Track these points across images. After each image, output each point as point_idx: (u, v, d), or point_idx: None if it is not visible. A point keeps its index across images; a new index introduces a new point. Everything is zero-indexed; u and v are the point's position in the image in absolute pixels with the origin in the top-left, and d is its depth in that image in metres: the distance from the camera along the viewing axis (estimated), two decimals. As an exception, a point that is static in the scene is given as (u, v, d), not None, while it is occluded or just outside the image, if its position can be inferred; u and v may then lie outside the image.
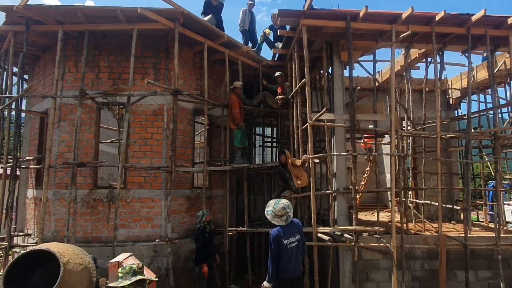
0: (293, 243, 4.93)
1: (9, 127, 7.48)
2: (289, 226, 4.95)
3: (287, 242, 4.84)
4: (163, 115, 7.13)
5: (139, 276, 3.77)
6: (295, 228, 5.00)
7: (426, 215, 9.03)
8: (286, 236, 4.84)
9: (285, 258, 4.86)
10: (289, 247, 4.87)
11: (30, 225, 7.61)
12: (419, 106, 9.88)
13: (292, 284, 5.16)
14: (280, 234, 4.83)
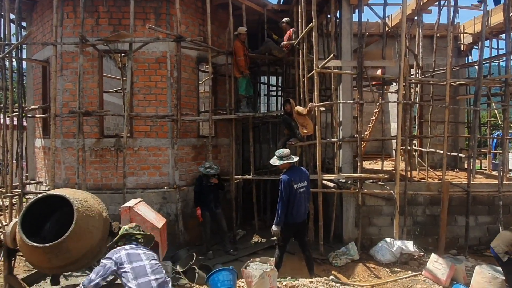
0: (302, 188, 5.16)
1: (11, 76, 7.40)
2: (298, 172, 5.23)
3: (297, 186, 5.10)
4: (167, 63, 6.99)
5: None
6: (303, 175, 5.29)
7: (430, 164, 9.12)
8: (296, 180, 5.10)
9: (294, 202, 5.10)
10: (298, 192, 5.11)
11: (41, 174, 7.80)
12: (429, 53, 9.60)
13: (298, 228, 5.40)
14: (291, 178, 5.07)
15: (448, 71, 7.01)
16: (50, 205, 4.75)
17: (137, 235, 3.80)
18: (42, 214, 4.83)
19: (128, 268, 3.38)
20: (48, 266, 4.57)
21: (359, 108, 6.94)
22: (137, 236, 3.79)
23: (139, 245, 3.73)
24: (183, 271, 5.50)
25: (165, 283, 3.40)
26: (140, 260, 3.49)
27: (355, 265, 6.18)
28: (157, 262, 3.58)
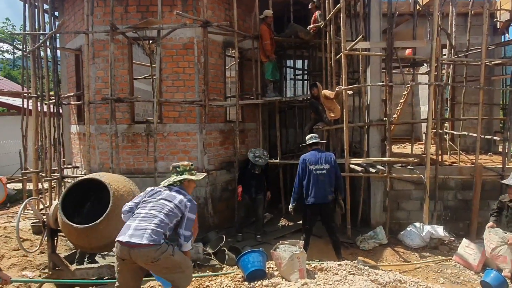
0: (320, 170, 5.30)
1: (47, 65, 7.69)
2: (317, 154, 5.39)
3: (312, 167, 5.30)
4: (194, 49, 7.05)
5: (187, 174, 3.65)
6: (324, 158, 5.39)
7: (462, 147, 8.86)
8: (312, 162, 5.33)
9: (310, 183, 5.32)
10: (315, 173, 5.29)
11: (77, 158, 8.15)
12: (463, 32, 9.19)
13: (320, 211, 5.44)
14: (306, 159, 5.36)
15: (483, 50, 6.73)
16: (88, 188, 4.99)
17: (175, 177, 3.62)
18: (81, 196, 5.10)
19: (140, 204, 3.45)
20: (86, 246, 4.84)
21: (388, 90, 6.80)
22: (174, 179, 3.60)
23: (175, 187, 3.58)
24: (213, 252, 5.69)
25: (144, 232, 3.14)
26: (148, 202, 3.42)
27: (383, 249, 6.18)
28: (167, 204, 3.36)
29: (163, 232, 3.22)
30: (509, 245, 4.23)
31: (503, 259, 4.43)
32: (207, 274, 4.33)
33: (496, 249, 4.42)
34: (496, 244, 4.46)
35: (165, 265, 3.23)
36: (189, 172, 3.66)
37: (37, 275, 5.23)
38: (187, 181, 3.64)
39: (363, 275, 4.09)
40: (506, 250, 4.37)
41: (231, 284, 3.92)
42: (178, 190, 3.52)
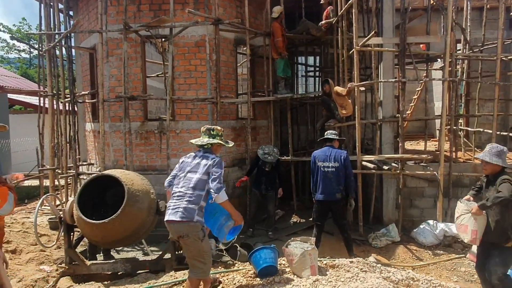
0: (329, 168, 5.34)
1: (62, 64, 7.84)
2: (327, 152, 5.44)
3: (320, 164, 5.36)
4: (206, 46, 7.09)
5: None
6: (334, 156, 5.39)
7: (477, 144, 8.70)
8: (320, 159, 5.40)
9: (318, 180, 5.41)
10: (322, 170, 5.35)
11: (92, 155, 8.31)
12: (478, 26, 9.01)
13: (329, 208, 5.45)
14: (315, 156, 5.46)
15: (499, 45, 6.60)
16: (103, 184, 5.10)
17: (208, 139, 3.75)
18: (96, 193, 5.21)
19: (176, 179, 3.73)
20: (101, 241, 4.96)
21: (401, 87, 6.73)
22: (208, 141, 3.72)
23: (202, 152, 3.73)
24: (226, 248, 5.74)
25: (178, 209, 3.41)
26: (180, 179, 3.65)
27: (396, 246, 6.14)
28: (193, 176, 3.54)
29: (196, 207, 3.46)
30: (473, 214, 3.91)
31: (464, 228, 4.09)
32: (219, 270, 4.38)
33: (460, 218, 4.14)
34: (461, 212, 4.16)
35: (192, 247, 3.46)
36: (220, 137, 3.84)
37: (54, 269, 5.37)
38: (216, 145, 3.78)
39: (375, 272, 4.08)
40: (468, 219, 4.02)
41: (243, 280, 3.96)
42: (203, 156, 3.68)
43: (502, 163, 3.95)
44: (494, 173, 4.00)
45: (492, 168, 4.00)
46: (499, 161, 3.93)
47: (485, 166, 4.09)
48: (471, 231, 4.01)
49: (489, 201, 3.75)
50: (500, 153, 3.99)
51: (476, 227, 3.96)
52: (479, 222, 3.96)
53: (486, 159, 4.01)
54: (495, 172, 3.99)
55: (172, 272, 4.55)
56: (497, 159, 3.93)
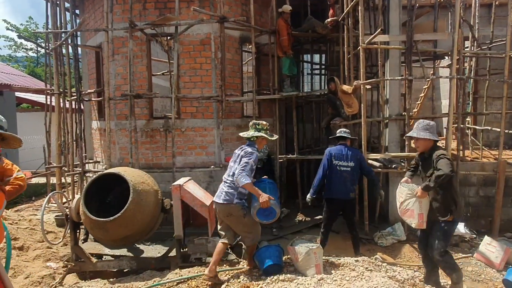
0: (345, 167, 5.28)
1: (69, 62, 7.88)
2: (343, 150, 5.36)
3: (337, 163, 5.28)
4: (211, 45, 7.08)
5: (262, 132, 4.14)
6: (350, 155, 5.34)
7: (485, 142, 8.61)
8: (337, 157, 5.31)
9: (332, 178, 5.30)
10: (339, 169, 5.27)
11: (98, 153, 8.35)
12: (486, 23, 8.89)
13: (342, 206, 5.42)
14: (332, 154, 5.33)
15: (507, 42, 6.51)
16: (109, 182, 5.12)
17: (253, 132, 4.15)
18: (102, 190, 5.23)
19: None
20: (106, 238, 4.98)
21: (407, 84, 6.67)
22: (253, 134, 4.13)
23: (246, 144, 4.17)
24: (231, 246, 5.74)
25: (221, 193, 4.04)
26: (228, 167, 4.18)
27: (402, 245, 6.10)
28: (233, 165, 4.07)
29: (235, 192, 4.00)
30: (418, 197, 3.78)
31: (410, 213, 3.90)
32: (224, 268, 4.38)
33: (404, 203, 3.96)
34: (405, 197, 3.97)
35: (237, 222, 4.07)
36: (265, 131, 4.17)
37: (60, 266, 5.41)
38: (261, 138, 4.14)
39: (381, 271, 4.06)
40: (414, 203, 3.87)
41: (248, 278, 3.96)
42: (244, 148, 4.10)
43: (431, 137, 3.89)
44: (427, 150, 3.95)
45: (424, 144, 3.95)
46: (427, 135, 3.87)
47: (416, 143, 4.04)
48: (417, 215, 3.90)
49: (432, 181, 3.67)
50: (428, 127, 3.92)
51: (422, 210, 3.88)
52: (424, 205, 3.88)
53: (414, 135, 3.97)
54: (428, 148, 3.94)
55: (177, 269, 4.57)
56: (425, 133, 3.88)
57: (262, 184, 4.21)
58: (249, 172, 3.84)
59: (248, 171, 3.84)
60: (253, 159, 3.92)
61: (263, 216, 3.99)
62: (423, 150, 4.01)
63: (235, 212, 4.00)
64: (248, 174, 3.81)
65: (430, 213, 3.91)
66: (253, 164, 3.91)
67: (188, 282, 4.09)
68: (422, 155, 4.10)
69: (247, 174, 3.81)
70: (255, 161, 3.94)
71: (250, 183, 3.81)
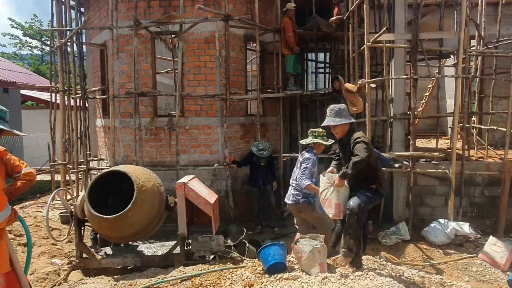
0: None
1: (73, 60, 7.91)
2: None
3: None
4: (215, 43, 7.08)
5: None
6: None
7: (490, 142, 8.56)
8: None
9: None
10: None
11: (102, 151, 8.38)
12: (493, 22, 8.82)
13: None
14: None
15: (514, 41, 6.45)
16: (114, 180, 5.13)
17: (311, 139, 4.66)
18: (106, 188, 5.25)
19: None
20: (110, 235, 5.00)
21: (412, 83, 6.63)
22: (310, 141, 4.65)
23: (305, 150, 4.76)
24: (234, 245, 5.74)
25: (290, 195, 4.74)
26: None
27: (406, 245, 6.07)
28: (295, 170, 4.73)
29: (300, 193, 4.60)
30: (336, 186, 3.71)
31: (329, 202, 3.85)
32: (228, 267, 4.38)
33: (323, 192, 3.90)
34: (324, 186, 3.91)
35: (308, 216, 4.77)
36: (321, 137, 4.63)
37: (65, 262, 5.44)
38: (318, 144, 4.63)
39: (385, 270, 4.05)
40: (331, 192, 3.81)
41: (251, 276, 3.95)
42: (303, 154, 4.68)
43: (345, 120, 3.86)
44: (344, 135, 3.92)
45: (341, 130, 3.93)
46: (344, 120, 3.85)
47: (334, 130, 4.00)
48: (334, 204, 3.85)
49: (349, 168, 3.63)
50: (340, 111, 3.88)
51: (340, 200, 3.84)
52: (341, 194, 3.85)
53: (330, 123, 3.92)
54: (345, 133, 3.92)
55: (181, 267, 4.57)
56: (341, 119, 3.85)
57: None
58: (308, 175, 4.45)
59: (308, 174, 4.46)
60: (311, 163, 4.52)
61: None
62: (341, 135, 3.97)
63: (303, 209, 4.68)
64: (307, 177, 4.43)
65: (354, 188, 3.90)
66: (311, 167, 4.51)
67: (192, 280, 4.09)
68: (340, 140, 4.07)
69: (307, 177, 4.43)
70: (313, 165, 4.54)
71: (310, 184, 4.38)
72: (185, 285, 4.00)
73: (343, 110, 3.92)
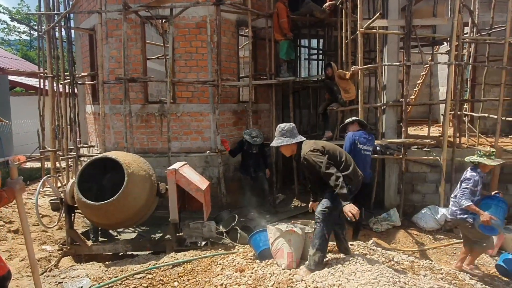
0: (368, 151, 5.32)
1: (62, 45, 7.73)
2: (365, 135, 5.34)
3: (361, 147, 5.26)
4: (206, 28, 6.96)
5: None
6: (370, 141, 5.39)
7: (482, 130, 8.61)
8: (361, 141, 5.27)
9: (358, 162, 5.08)
10: (363, 153, 5.28)
11: (92, 138, 8.28)
12: (486, 9, 8.78)
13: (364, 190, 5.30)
14: (356, 138, 5.26)
15: (507, 28, 6.44)
16: (103, 166, 5.08)
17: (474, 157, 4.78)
18: (96, 175, 5.20)
19: None
20: (102, 222, 4.98)
21: (405, 70, 6.61)
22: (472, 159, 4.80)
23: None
24: (226, 231, 5.75)
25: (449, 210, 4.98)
26: None
27: (396, 231, 6.14)
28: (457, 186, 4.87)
29: (458, 209, 4.67)
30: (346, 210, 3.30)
31: (280, 252, 3.67)
32: (220, 252, 4.39)
33: (274, 243, 3.73)
34: (274, 236, 3.75)
35: (466, 231, 4.77)
36: (488, 157, 4.65)
37: (56, 249, 5.41)
38: (481, 164, 4.67)
39: (375, 255, 4.08)
40: (283, 242, 3.65)
41: (243, 262, 3.96)
42: (470, 170, 4.73)
43: (289, 142, 3.62)
44: (295, 152, 3.71)
45: (286, 150, 3.74)
46: (285, 141, 3.62)
47: (283, 151, 3.80)
48: (286, 254, 3.61)
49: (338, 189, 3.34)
50: (283, 132, 3.68)
51: (292, 249, 3.62)
52: (294, 243, 3.64)
53: (273, 144, 3.75)
54: (295, 152, 3.71)
55: (173, 253, 4.57)
56: (283, 139, 3.65)
57: (490, 201, 4.64)
58: (468, 196, 4.52)
59: (468, 194, 4.53)
60: (472, 184, 4.56)
61: (485, 230, 4.48)
62: (290, 154, 3.79)
63: (461, 224, 4.78)
64: (467, 197, 4.51)
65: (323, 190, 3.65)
66: (472, 188, 4.55)
67: (184, 266, 4.09)
68: (297, 162, 3.84)
69: (467, 197, 4.51)
70: (474, 185, 4.55)
71: (470, 205, 4.47)
72: (177, 270, 4.00)
73: (287, 130, 3.69)
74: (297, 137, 3.72)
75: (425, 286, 3.17)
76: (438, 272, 4.00)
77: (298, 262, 3.63)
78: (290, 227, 3.78)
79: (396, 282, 3.08)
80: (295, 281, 3.29)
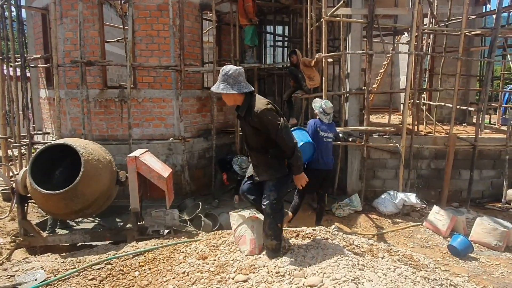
0: (329, 138, 5.30)
1: (11, 25, 7.20)
2: (328, 123, 5.29)
3: (323, 134, 5.22)
4: (169, 10, 6.69)
5: None
6: (332, 129, 5.37)
7: (438, 118, 9.01)
8: (323, 129, 5.22)
9: (321, 149, 5.18)
10: (325, 140, 5.24)
11: (48, 124, 7.84)
12: (444, 1, 9.11)
13: (326, 177, 5.35)
14: (318, 125, 5.22)
15: (463, 20, 6.69)
16: (58, 154, 4.81)
17: None
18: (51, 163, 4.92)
19: None
20: (57, 212, 4.73)
21: (368, 59, 6.73)
22: None
23: None
24: (190, 219, 5.68)
25: None
26: None
27: (358, 216, 6.32)
28: None
29: None
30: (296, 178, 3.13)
31: (243, 239, 3.60)
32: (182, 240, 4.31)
33: (237, 229, 3.65)
34: (237, 223, 3.68)
35: None
36: None
37: (7, 241, 5.10)
38: None
39: (337, 239, 4.17)
40: (246, 229, 3.58)
41: (206, 249, 3.91)
42: None
43: (229, 90, 2.96)
44: (240, 104, 3.10)
45: (229, 99, 3.09)
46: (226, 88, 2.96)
47: (224, 99, 3.13)
48: (249, 240, 3.55)
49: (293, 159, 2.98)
50: (226, 77, 3.00)
51: (254, 235, 3.57)
52: (256, 229, 3.58)
53: (213, 89, 3.06)
54: (241, 102, 3.08)
55: (134, 242, 4.44)
56: (224, 86, 2.99)
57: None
58: None
59: None
60: None
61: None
62: (233, 104, 3.13)
63: None
64: None
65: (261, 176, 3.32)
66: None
67: (145, 255, 3.98)
68: (237, 114, 3.22)
69: None
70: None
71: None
72: (138, 260, 3.89)
73: (230, 76, 2.99)
74: (241, 86, 3.00)
75: (383, 267, 3.28)
76: (395, 254, 4.15)
77: (260, 248, 3.60)
78: (253, 213, 3.77)
79: (355, 265, 3.16)
80: (257, 267, 3.29)
